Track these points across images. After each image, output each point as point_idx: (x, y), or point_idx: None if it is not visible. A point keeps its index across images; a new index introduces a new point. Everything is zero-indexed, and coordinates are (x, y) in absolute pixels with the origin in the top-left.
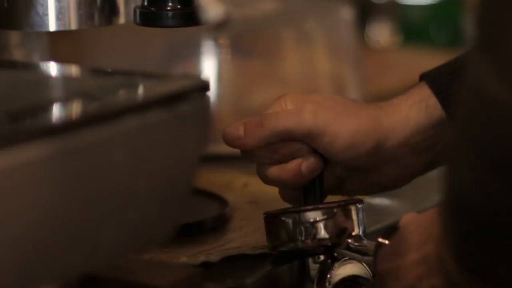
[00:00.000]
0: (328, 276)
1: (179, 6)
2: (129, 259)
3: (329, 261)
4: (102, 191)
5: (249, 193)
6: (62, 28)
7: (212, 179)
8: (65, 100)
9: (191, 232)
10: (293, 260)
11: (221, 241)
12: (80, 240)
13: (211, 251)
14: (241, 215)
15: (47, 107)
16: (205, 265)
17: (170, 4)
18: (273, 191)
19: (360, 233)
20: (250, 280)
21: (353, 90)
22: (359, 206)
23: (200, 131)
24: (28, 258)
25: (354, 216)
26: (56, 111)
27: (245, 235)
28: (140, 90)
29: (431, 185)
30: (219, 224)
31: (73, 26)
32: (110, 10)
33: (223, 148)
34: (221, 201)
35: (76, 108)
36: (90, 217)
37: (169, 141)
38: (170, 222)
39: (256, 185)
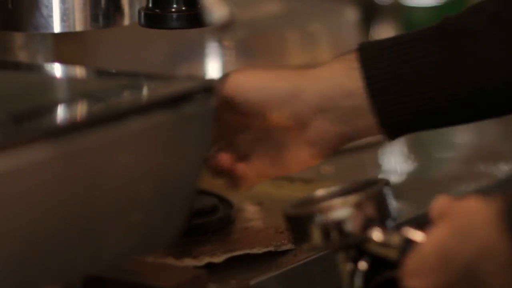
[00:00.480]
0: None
1: (183, 8)
2: (133, 261)
3: (361, 262)
4: (106, 193)
5: (254, 194)
6: (66, 30)
7: (217, 180)
8: (70, 102)
9: (195, 233)
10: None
11: (226, 242)
12: (84, 241)
13: (216, 252)
14: (245, 216)
15: (52, 109)
16: (210, 266)
17: (174, 5)
18: (278, 192)
19: (389, 221)
20: (254, 281)
21: None
22: (388, 191)
23: (204, 132)
24: (32, 259)
25: (383, 203)
26: (61, 113)
27: (250, 236)
28: (145, 91)
29: (435, 186)
30: (223, 225)
31: (78, 27)
32: (114, 12)
33: None
34: (226, 202)
35: (80, 110)
36: (94, 218)
37: (173, 142)
38: (175, 224)
39: (260, 186)
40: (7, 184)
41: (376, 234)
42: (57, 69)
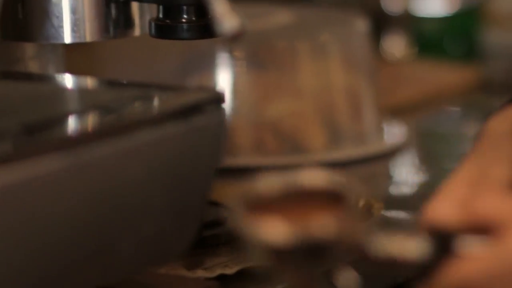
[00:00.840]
0: None
1: (194, 18)
2: (145, 272)
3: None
4: (117, 204)
5: None
6: (77, 40)
7: (228, 192)
8: (81, 113)
9: (207, 245)
10: None
11: (237, 254)
12: (95, 253)
13: (227, 263)
14: None
15: (63, 119)
16: (222, 277)
17: (185, 16)
18: None
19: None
20: None
21: (368, 102)
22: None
23: (215, 144)
24: (42, 270)
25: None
26: (72, 123)
27: None
28: (156, 102)
29: None
30: (235, 237)
31: (88, 38)
32: (125, 22)
33: (238, 161)
34: None
35: (91, 121)
36: (106, 229)
37: (184, 153)
38: (186, 235)
39: None
40: (18, 195)
41: (383, 243)
42: (68, 80)
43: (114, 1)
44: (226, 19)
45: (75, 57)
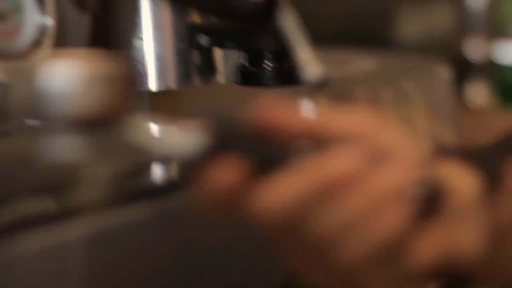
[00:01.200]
0: None
1: (279, 66)
2: None
3: None
4: (204, 252)
5: None
6: (162, 88)
7: None
8: (167, 160)
9: None
10: None
11: None
12: None
13: None
14: None
15: (150, 167)
16: None
17: (269, 63)
18: None
19: None
20: None
21: None
22: None
23: None
24: None
25: None
26: (159, 171)
27: None
28: None
29: None
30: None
31: (173, 85)
32: (209, 69)
33: None
34: None
35: (177, 168)
36: (192, 278)
37: None
38: (272, 284)
39: None
40: (107, 242)
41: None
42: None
43: (197, 48)
44: (311, 66)
45: (160, 103)
